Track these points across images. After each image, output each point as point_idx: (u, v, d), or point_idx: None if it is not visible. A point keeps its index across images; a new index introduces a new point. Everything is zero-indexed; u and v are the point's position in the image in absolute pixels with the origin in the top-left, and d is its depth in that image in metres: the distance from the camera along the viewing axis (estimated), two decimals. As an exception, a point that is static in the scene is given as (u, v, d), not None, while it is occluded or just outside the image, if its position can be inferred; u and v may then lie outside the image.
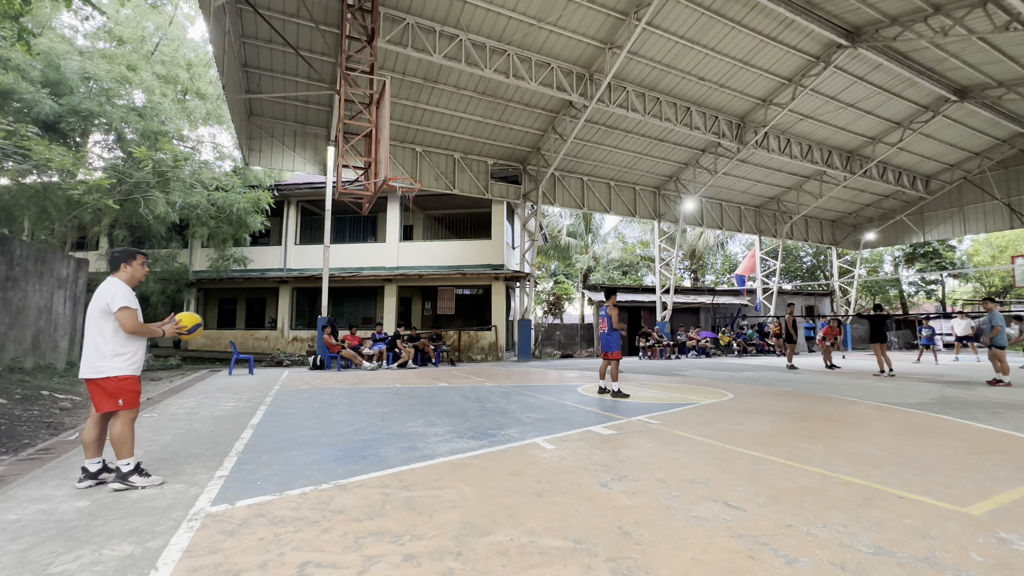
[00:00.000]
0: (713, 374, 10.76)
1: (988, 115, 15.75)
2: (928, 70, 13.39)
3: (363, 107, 8.99)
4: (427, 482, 3.13)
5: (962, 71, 13.38)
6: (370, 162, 8.07)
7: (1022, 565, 2.06)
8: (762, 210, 21.30)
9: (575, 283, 30.91)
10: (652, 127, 14.80)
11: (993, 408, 6.04)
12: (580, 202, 17.10)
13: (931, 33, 10.87)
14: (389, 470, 3.38)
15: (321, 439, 4.32)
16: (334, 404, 6.28)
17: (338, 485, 3.08)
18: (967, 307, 27.96)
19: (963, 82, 14.15)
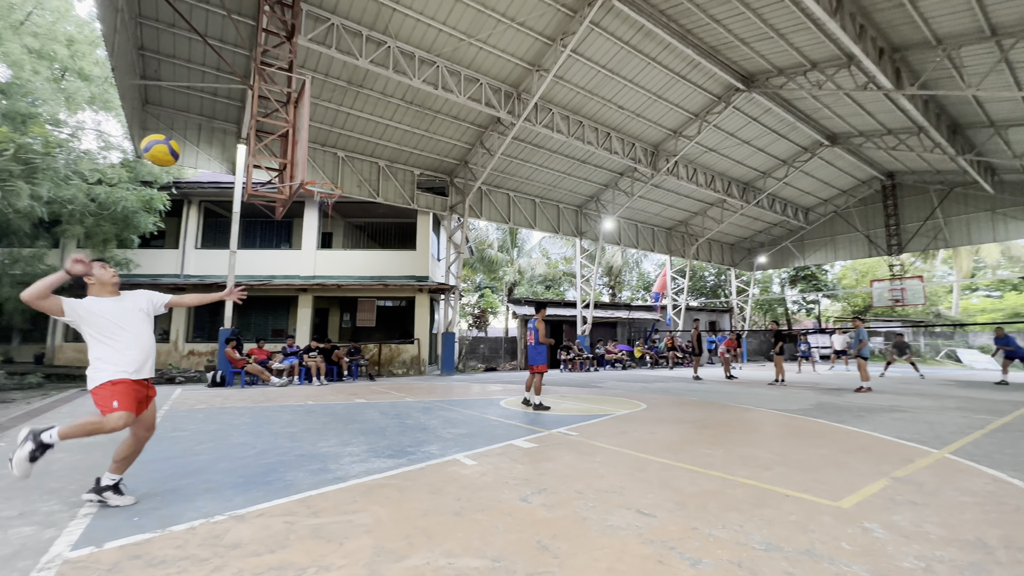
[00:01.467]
0: (628, 385, 11.32)
1: (852, 159, 18.45)
2: (807, 117, 15.41)
3: (280, 105, 8.45)
4: (339, 506, 2.93)
5: (833, 120, 15.57)
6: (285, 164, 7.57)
7: (881, 550, 2.36)
8: (672, 232, 23.02)
9: (500, 296, 31.19)
10: (576, 149, 15.49)
11: (858, 412, 6.94)
12: (506, 217, 17.37)
13: (809, 86, 12.54)
14: (296, 496, 3.12)
15: (217, 464, 3.90)
16: (235, 425, 5.72)
17: (235, 516, 2.78)
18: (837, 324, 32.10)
19: (834, 130, 16.46)
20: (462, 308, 27.46)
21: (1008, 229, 18.71)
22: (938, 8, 9.30)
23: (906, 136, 15.51)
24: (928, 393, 9.63)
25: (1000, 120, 13.45)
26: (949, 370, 19.79)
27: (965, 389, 10.61)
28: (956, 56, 10.44)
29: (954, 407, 7.51)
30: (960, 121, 14.14)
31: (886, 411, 7.00)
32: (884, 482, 3.46)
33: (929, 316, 31.65)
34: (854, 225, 22.48)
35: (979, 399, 8.63)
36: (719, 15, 10.70)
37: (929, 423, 5.98)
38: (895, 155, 17.78)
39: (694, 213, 21.94)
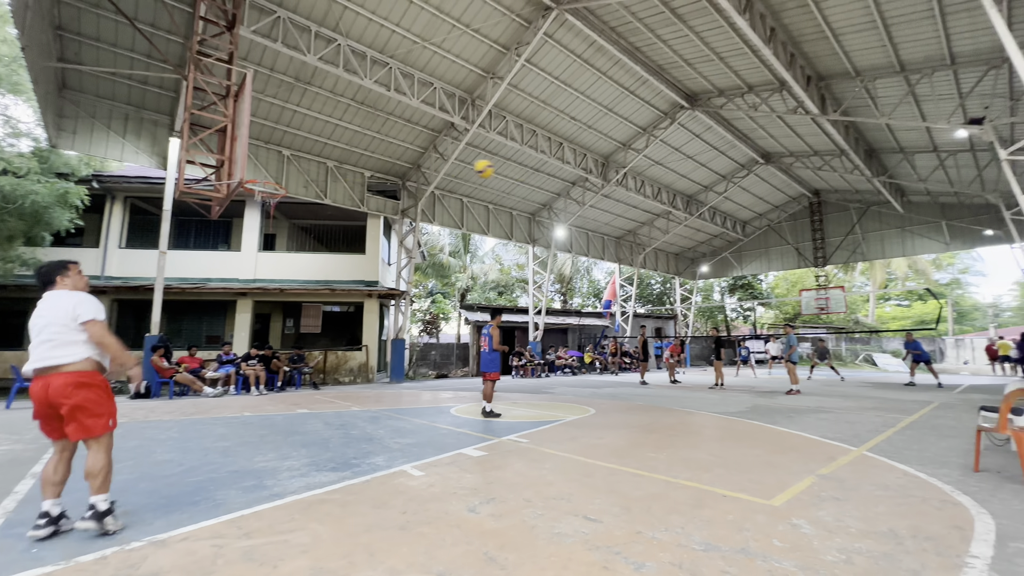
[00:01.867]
0: (578, 391, 11.51)
1: (784, 177, 19.85)
2: (745, 136, 16.43)
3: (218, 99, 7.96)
4: (274, 526, 2.76)
5: (767, 140, 16.70)
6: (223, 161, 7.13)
7: (808, 545, 2.51)
8: (621, 241, 23.77)
9: (453, 302, 30.91)
10: (529, 157, 15.68)
11: (788, 413, 7.41)
12: (459, 222, 17.27)
13: (746, 107, 13.39)
14: (226, 516, 2.91)
15: (137, 485, 3.58)
16: (159, 440, 5.28)
17: (154, 542, 2.55)
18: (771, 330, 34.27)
19: (768, 149, 17.65)
20: (413, 314, 26.98)
21: (915, 245, 20.76)
22: (857, 43, 10.22)
23: (830, 158, 16.89)
24: (849, 394, 10.44)
25: (908, 147, 14.94)
26: (866, 373, 21.62)
27: (880, 390, 11.60)
28: (872, 87, 11.51)
29: (871, 407, 8.18)
30: (875, 146, 15.57)
31: (813, 412, 7.52)
32: (811, 480, 3.69)
33: (849, 323, 34.49)
34: (785, 238, 24.15)
35: (892, 399, 9.47)
36: (665, 35, 11.22)
37: (850, 423, 6.47)
38: (821, 175, 19.30)
39: (642, 223, 22.76)
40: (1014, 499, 3.27)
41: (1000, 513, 2.99)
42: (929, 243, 20.31)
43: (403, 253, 15.96)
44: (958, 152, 14.25)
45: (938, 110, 11.76)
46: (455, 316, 29.61)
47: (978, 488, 3.51)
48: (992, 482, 3.68)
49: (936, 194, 18.67)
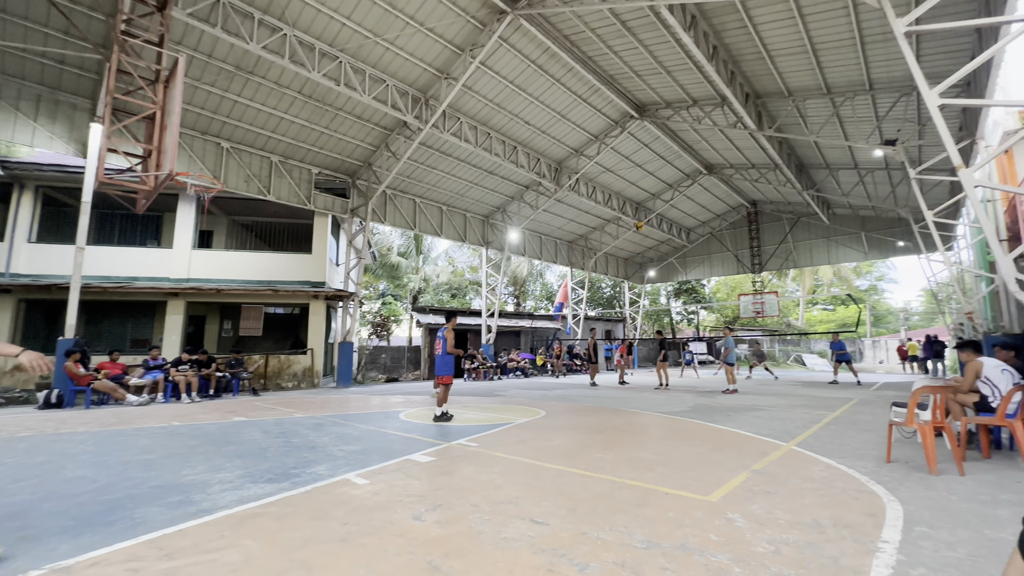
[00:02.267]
0: (529, 393, 11.58)
1: (725, 188, 20.98)
2: (690, 147, 17.23)
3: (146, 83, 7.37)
4: (200, 544, 2.57)
5: (710, 152, 17.58)
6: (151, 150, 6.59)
7: (741, 538, 2.63)
8: (573, 245, 24.23)
9: (404, 304, 30.32)
10: (483, 159, 15.66)
11: (727, 412, 7.80)
12: (412, 223, 16.97)
13: (691, 120, 14.04)
14: (146, 536, 2.68)
15: (40, 506, 3.23)
16: (71, 455, 4.80)
17: (58, 569, 2.30)
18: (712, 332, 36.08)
19: (711, 160, 18.59)
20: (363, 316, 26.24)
21: (838, 254, 22.54)
22: (790, 65, 10.98)
23: (766, 171, 18.02)
24: (781, 393, 11.15)
25: (833, 163, 16.21)
26: (797, 372, 23.21)
27: (808, 388, 12.48)
28: (802, 107, 12.40)
29: (800, 405, 8.77)
30: (805, 162, 16.79)
31: (748, 410, 7.96)
32: (745, 475, 3.90)
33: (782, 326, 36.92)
34: (726, 245, 25.52)
35: (818, 397, 10.20)
36: (617, 47, 11.57)
37: (781, 420, 6.90)
38: (757, 186, 20.56)
39: (593, 228, 23.30)
40: (919, 487, 3.60)
41: (908, 500, 3.27)
42: (850, 252, 22.12)
43: (352, 253, 15.47)
44: (875, 170, 15.62)
45: (859, 131, 12.84)
46: (407, 318, 29.05)
47: (889, 478, 3.83)
48: (901, 472, 4.04)
49: (857, 207, 20.36)
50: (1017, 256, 5.70)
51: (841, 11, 8.88)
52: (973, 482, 3.74)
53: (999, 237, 9.94)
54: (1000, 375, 4.57)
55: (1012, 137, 5.46)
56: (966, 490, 3.52)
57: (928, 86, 5.68)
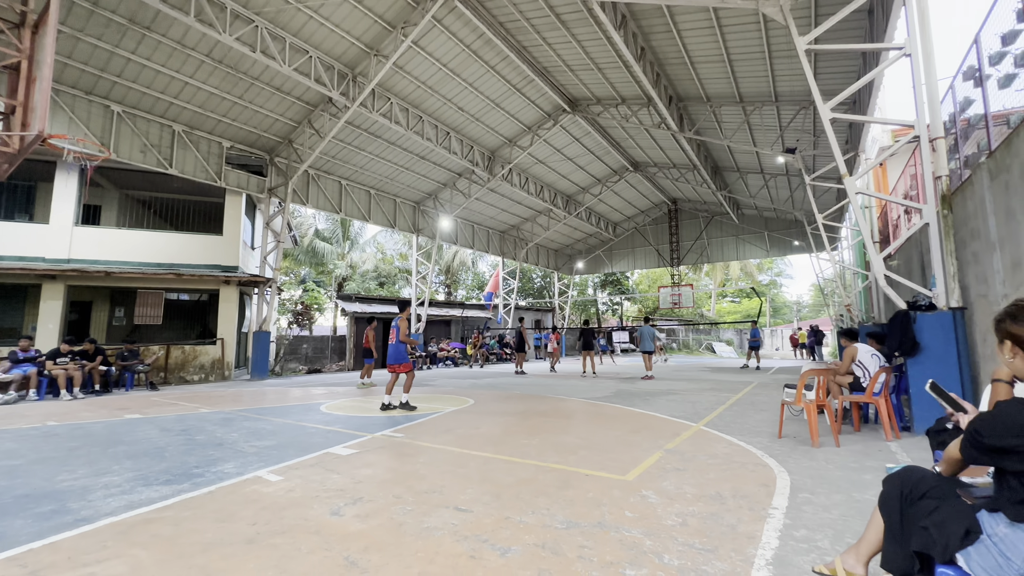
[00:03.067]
0: (459, 382, 11.55)
1: (649, 185, 22.09)
2: (618, 144, 17.90)
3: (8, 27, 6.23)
4: (77, 558, 2.27)
5: (636, 151, 18.39)
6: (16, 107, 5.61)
7: (652, 513, 2.80)
8: (506, 235, 24.36)
9: (328, 292, 28.88)
10: (415, 144, 15.20)
11: (645, 396, 8.28)
12: (337, 206, 16.13)
13: (619, 117, 14.57)
14: (6, 552, 2.33)
15: None
16: (-91, 463, 4.05)
17: None
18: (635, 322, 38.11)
19: (637, 159, 19.46)
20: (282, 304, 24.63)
21: (745, 250, 24.68)
22: (709, 73, 11.72)
23: (685, 171, 19.21)
24: (693, 378, 12.04)
25: (743, 167, 17.63)
26: (707, 358, 25.23)
27: (717, 373, 13.60)
28: (718, 113, 13.31)
29: (709, 388, 9.53)
30: (720, 164, 18.10)
31: (664, 395, 8.51)
32: (659, 454, 4.16)
33: (696, 316, 39.87)
34: (648, 240, 26.97)
35: (725, 381, 11.15)
36: (551, 39, 11.67)
37: (692, 403, 7.45)
38: (678, 186, 21.87)
39: (525, 219, 23.56)
40: (804, 458, 4.05)
41: (794, 470, 3.67)
42: (755, 249, 24.30)
43: (270, 236, 14.41)
44: (778, 175, 17.20)
45: (765, 138, 14.04)
46: (331, 307, 27.72)
47: (780, 451, 4.28)
48: (790, 445, 4.52)
49: (762, 209, 22.35)
50: (886, 256, 6.55)
51: (753, 26, 9.60)
52: (846, 452, 4.28)
53: (873, 239, 11.39)
54: (870, 359, 5.25)
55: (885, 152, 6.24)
56: (840, 459, 4.02)
57: (823, 101, 6.31)
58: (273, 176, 14.06)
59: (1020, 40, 4.37)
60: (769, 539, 2.44)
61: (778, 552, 2.30)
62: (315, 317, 25.93)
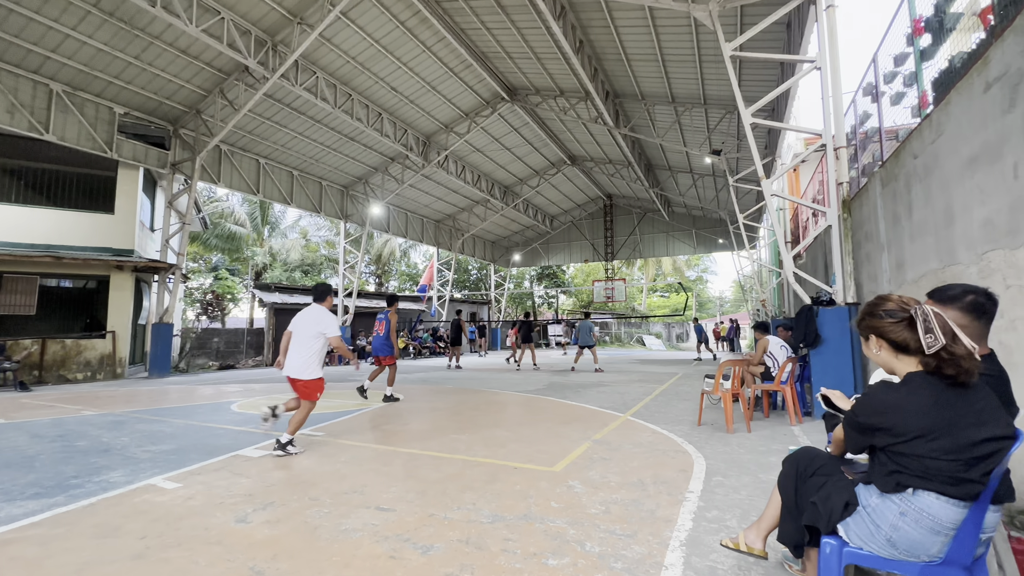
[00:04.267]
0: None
1: (585, 180, 22.70)
2: (556, 137, 18.20)
3: None
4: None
5: (574, 144, 18.81)
6: None
7: (577, 503, 2.90)
8: (441, 225, 24.02)
9: (244, 281, 26.99)
10: (343, 123, 14.50)
11: (576, 388, 8.54)
12: (255, 187, 15.04)
13: (558, 109, 14.81)
14: None
15: None
16: None
17: None
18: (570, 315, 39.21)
19: (574, 152, 19.91)
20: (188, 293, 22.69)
21: (675, 247, 26.16)
22: (644, 72, 12.20)
23: (620, 167, 19.95)
24: (624, 370, 12.60)
25: (674, 166, 18.62)
26: (638, 351, 26.55)
27: (646, 366, 14.32)
28: (652, 111, 13.92)
29: (637, 380, 10.01)
30: (653, 162, 18.98)
31: (595, 386, 8.83)
32: (587, 445, 4.31)
33: (628, 310, 41.75)
34: (584, 234, 27.77)
35: (653, 372, 11.77)
36: (490, 23, 11.57)
37: (621, 394, 7.79)
38: (613, 181, 22.68)
39: (461, 209, 23.36)
40: (719, 444, 4.37)
41: (710, 456, 3.95)
42: (684, 246, 25.83)
43: (173, 217, 13.17)
44: (705, 175, 18.35)
45: (694, 139, 14.90)
46: (247, 297, 25.94)
47: (699, 438, 4.59)
48: (708, 432, 4.86)
49: (690, 207, 23.77)
50: (795, 255, 7.22)
51: (686, 28, 10.11)
52: (757, 437, 4.67)
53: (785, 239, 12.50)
54: (779, 350, 5.77)
55: (797, 158, 6.84)
56: (751, 444, 4.38)
57: (745, 106, 6.80)
58: (177, 150, 12.83)
59: (908, 62, 4.94)
60: (684, 521, 2.60)
61: (692, 533, 2.46)
62: (228, 308, 24.16)
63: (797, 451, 1.91)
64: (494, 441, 4.49)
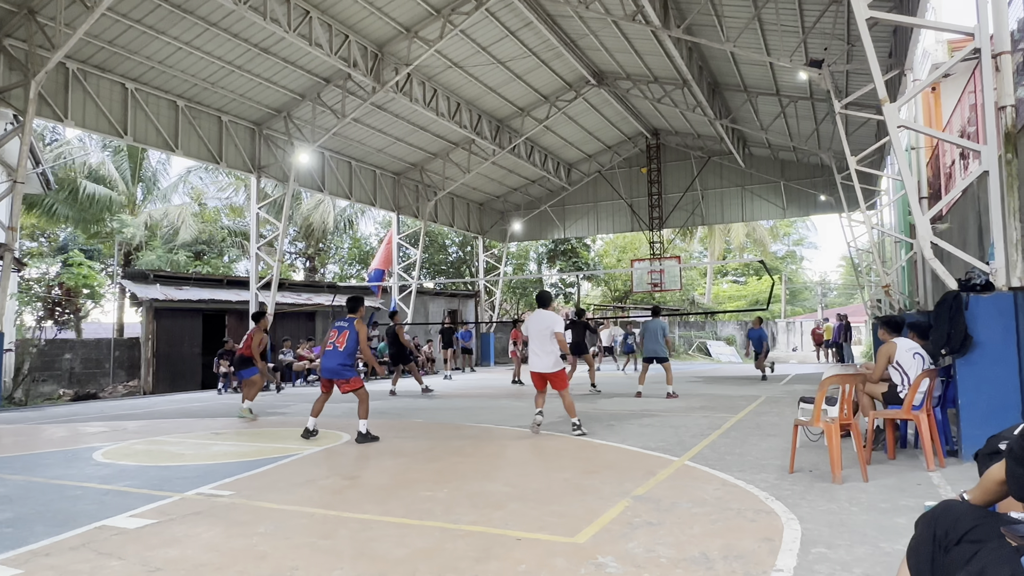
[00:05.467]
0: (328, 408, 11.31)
1: (619, 107, 22.64)
2: (573, 43, 18.11)
3: None
4: None
5: (600, 54, 18.73)
6: None
7: (612, 589, 2.94)
8: (403, 179, 23.98)
9: (109, 267, 26.99)
10: (251, 27, 14.37)
11: (608, 421, 8.61)
12: (120, 126, 14.97)
13: (576, 3, 14.72)
14: None
15: None
16: None
17: None
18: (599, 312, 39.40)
19: (601, 66, 19.83)
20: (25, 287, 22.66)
21: (754, 209, 26.17)
22: (705, -59, 12.14)
23: (671, 88, 19.88)
24: (680, 392, 12.68)
25: (752, 86, 18.55)
26: (699, 364, 26.74)
27: (710, 385, 14.43)
28: (718, 3, 13.86)
29: (699, 407, 10.08)
30: (719, 80, 18.92)
31: (636, 417, 8.90)
32: (624, 503, 4.35)
33: (685, 303, 41.93)
34: (618, 191, 27.75)
35: (721, 396, 11.85)
36: None
37: (674, 427, 7.85)
38: (660, 109, 22.62)
39: (433, 155, 23.30)
40: (820, 499, 4.41)
41: (807, 517, 3.99)
42: (768, 207, 25.84)
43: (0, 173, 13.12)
44: (799, 99, 18.31)
45: (782, 44, 14.84)
46: (112, 292, 25.94)
47: (790, 491, 4.63)
48: (804, 483, 4.90)
49: (776, 148, 23.74)
50: (933, 217, 7.22)
51: None
52: (876, 488, 4.71)
53: (920, 194, 12.51)
54: (912, 360, 5.80)
55: (937, 71, 6.81)
56: (868, 499, 4.42)
57: (859, -8, 6.75)
58: (2, 70, 12.73)
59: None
60: (770, 614, 2.64)
61: (780, 631, 2.50)
62: (85, 309, 24.17)
63: (936, 508, 1.93)
64: (486, 499, 4.53)
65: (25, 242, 26.35)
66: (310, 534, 3.84)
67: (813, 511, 4.13)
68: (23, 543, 3.76)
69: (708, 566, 3.18)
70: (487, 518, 4.08)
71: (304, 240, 33.93)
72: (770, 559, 3.26)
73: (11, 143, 13.19)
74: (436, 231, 33.73)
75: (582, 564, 3.22)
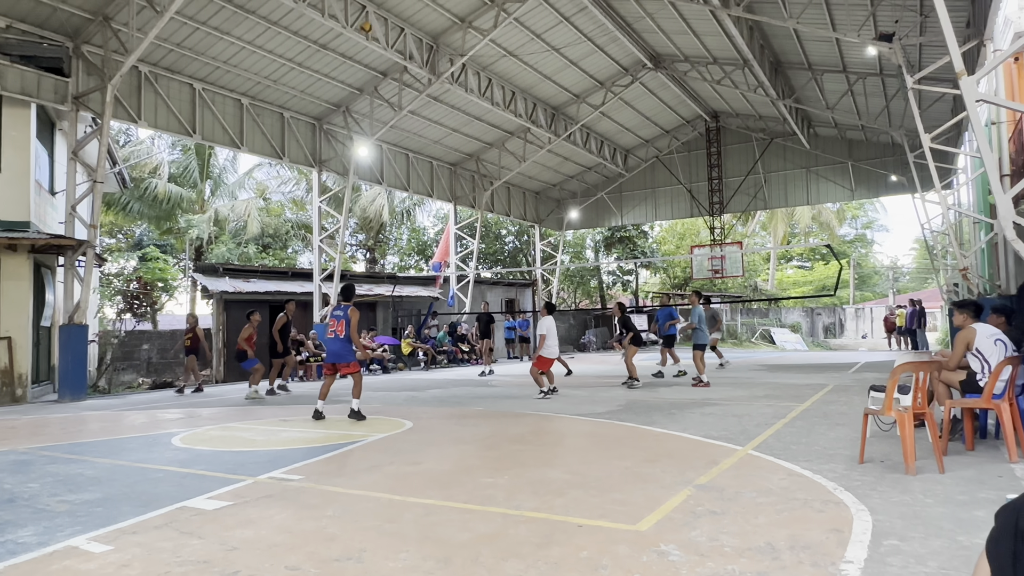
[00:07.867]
0: (390, 396, 11.58)
1: (676, 90, 22.21)
2: (628, 26, 17.85)
3: None
4: None
5: (656, 36, 18.39)
6: None
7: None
8: (459, 169, 24.17)
9: (181, 261, 28.21)
10: (311, 24, 14.72)
11: (669, 410, 8.52)
12: (190, 125, 15.60)
13: (632, -16, 14.51)
14: None
15: None
16: None
17: None
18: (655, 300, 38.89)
19: (657, 48, 19.48)
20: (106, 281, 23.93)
21: (820, 191, 25.30)
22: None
23: (731, 69, 19.37)
24: (740, 382, 12.47)
25: (817, 63, 17.89)
26: (763, 353, 26.12)
27: (775, 374, 14.09)
28: (781, -23, 13.42)
29: (762, 396, 9.88)
30: (782, 59, 18.31)
31: (698, 406, 8.78)
32: (687, 492, 4.32)
33: (747, 290, 40.95)
34: (676, 176, 27.28)
35: (786, 384, 11.57)
36: None
37: (737, 416, 7.72)
38: (720, 91, 22.09)
39: (488, 144, 23.40)
40: (892, 490, 4.27)
41: (878, 508, 3.87)
42: (835, 189, 24.94)
43: (81, 173, 13.85)
44: (867, 75, 17.56)
45: (849, 19, 14.25)
46: (185, 285, 27.11)
47: (860, 482, 4.50)
48: (875, 473, 4.75)
49: (843, 127, 22.85)
50: (1015, 196, 6.84)
51: None
52: (952, 480, 4.53)
53: (1001, 171, 11.84)
54: (993, 346, 5.52)
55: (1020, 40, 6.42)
56: (944, 490, 4.26)
57: (933, -40, 6.42)
58: (82, 76, 13.41)
59: None
60: (839, 605, 2.59)
61: (851, 623, 2.44)
62: (160, 301, 25.34)
63: (1018, 498, 1.86)
64: (546, 487, 4.57)
65: (104, 239, 27.76)
66: (376, 518, 3.95)
67: (885, 502, 4.01)
68: (112, 521, 4.01)
69: (774, 556, 3.13)
70: (548, 505, 4.11)
71: (364, 231, 34.61)
72: (839, 551, 3.19)
73: (90, 144, 13.91)
74: (493, 221, 33.86)
75: (644, 552, 3.22)
